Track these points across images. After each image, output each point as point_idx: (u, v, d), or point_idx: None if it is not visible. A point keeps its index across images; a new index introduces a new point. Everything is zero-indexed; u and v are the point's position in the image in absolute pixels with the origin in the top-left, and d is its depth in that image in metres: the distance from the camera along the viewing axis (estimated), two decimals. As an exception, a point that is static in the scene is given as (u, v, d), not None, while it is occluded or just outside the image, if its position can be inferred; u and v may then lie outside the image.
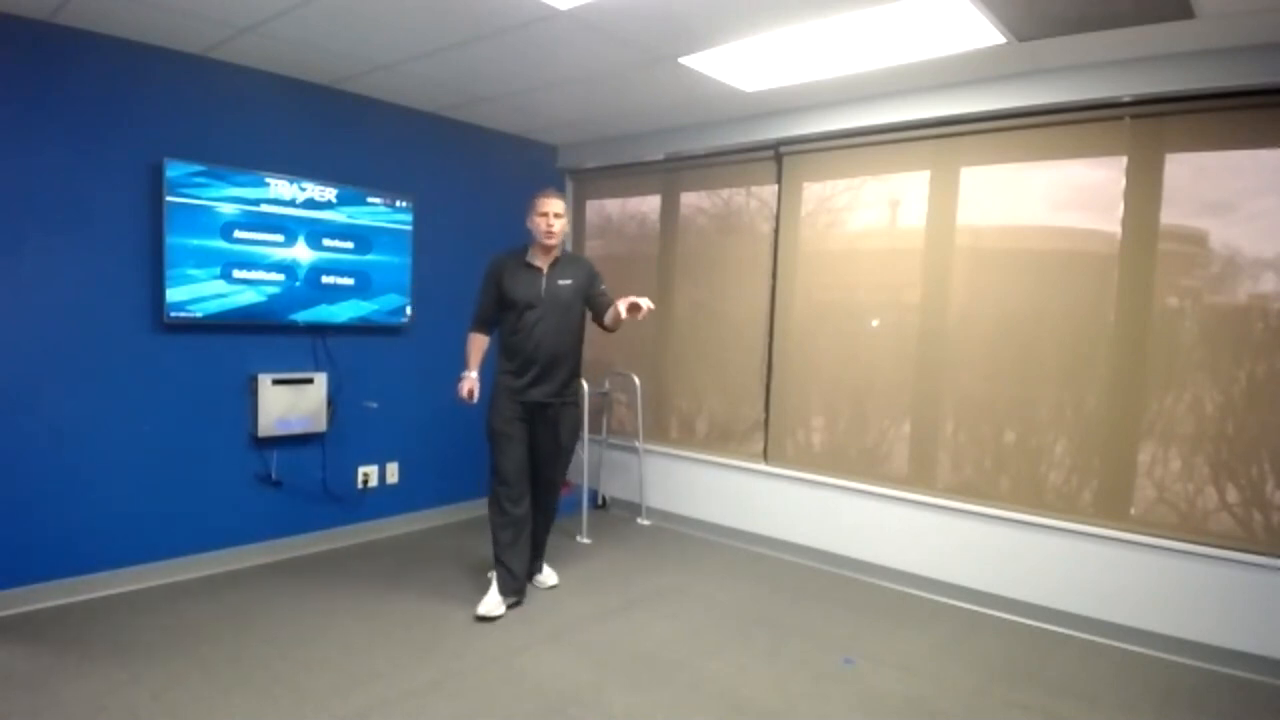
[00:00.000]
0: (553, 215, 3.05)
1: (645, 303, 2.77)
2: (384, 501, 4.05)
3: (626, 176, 4.70)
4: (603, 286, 3.17)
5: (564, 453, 3.24)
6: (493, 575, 3.10)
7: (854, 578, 3.63)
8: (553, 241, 3.06)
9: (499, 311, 3.13)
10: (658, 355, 4.60)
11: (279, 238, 3.43)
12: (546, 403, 3.10)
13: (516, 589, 3.10)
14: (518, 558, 3.08)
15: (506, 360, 3.11)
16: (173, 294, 3.13)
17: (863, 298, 3.76)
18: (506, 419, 3.07)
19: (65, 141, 2.89)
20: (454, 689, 2.44)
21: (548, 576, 3.39)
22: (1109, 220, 3.05)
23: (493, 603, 3.00)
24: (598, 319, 3.13)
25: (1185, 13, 2.40)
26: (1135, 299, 2.99)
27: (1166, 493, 2.96)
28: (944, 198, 3.45)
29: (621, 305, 2.80)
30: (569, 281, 3.10)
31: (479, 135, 4.33)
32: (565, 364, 3.11)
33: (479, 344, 3.20)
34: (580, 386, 3.29)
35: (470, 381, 3.15)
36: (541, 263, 3.09)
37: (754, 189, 4.17)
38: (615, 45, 2.95)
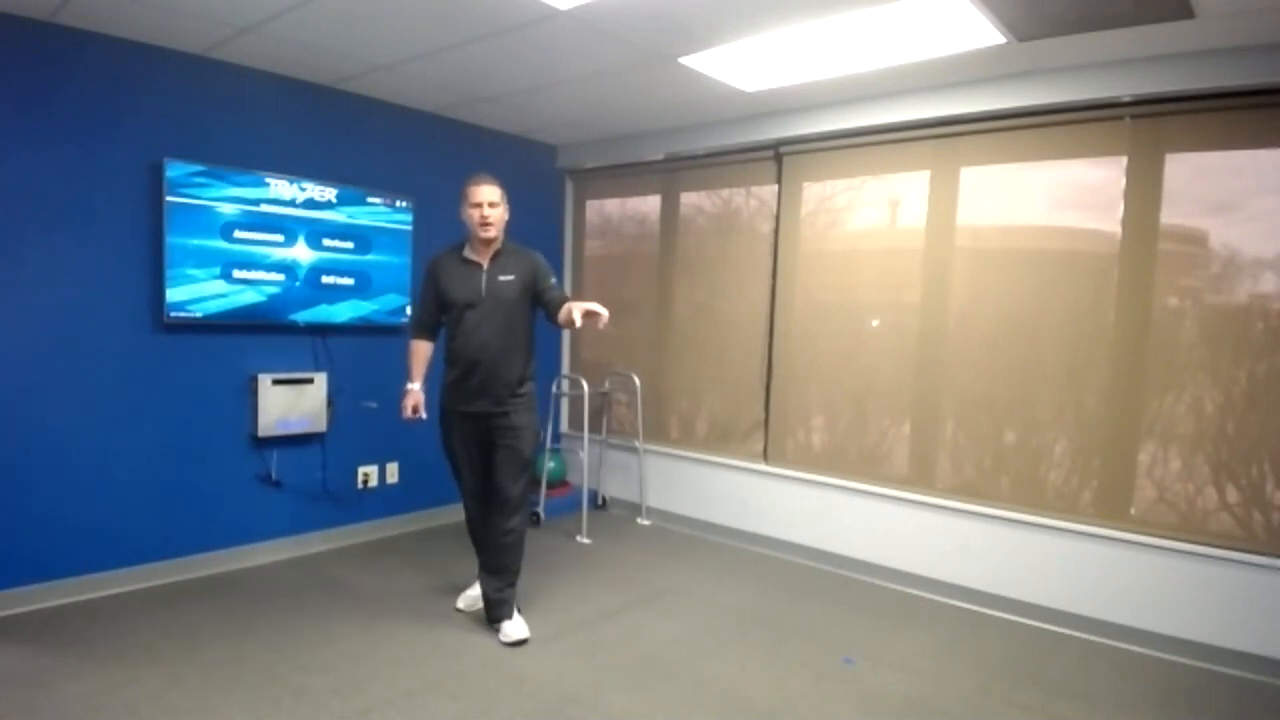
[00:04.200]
0: (487, 205, 2.73)
1: (600, 310, 2.45)
2: (384, 501, 4.05)
3: (626, 176, 4.70)
4: (552, 281, 2.84)
5: (520, 468, 2.82)
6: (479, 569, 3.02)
7: (854, 578, 3.63)
8: (490, 234, 2.76)
9: (440, 314, 2.87)
10: (658, 355, 4.60)
11: (279, 238, 3.43)
12: (493, 413, 2.80)
13: None
14: None
15: (449, 368, 2.85)
16: (173, 294, 3.13)
17: (863, 298, 3.75)
18: (460, 438, 2.87)
19: (65, 141, 2.89)
20: (454, 689, 2.44)
21: (514, 628, 2.80)
22: (1109, 220, 3.05)
23: (470, 598, 3.05)
24: (550, 318, 2.77)
25: (1185, 13, 2.40)
26: (1135, 299, 2.99)
27: (1167, 493, 2.96)
28: (944, 198, 3.45)
29: (576, 312, 2.45)
30: (511, 278, 2.79)
31: (479, 135, 4.33)
32: (512, 368, 2.79)
33: (422, 352, 2.93)
34: (533, 392, 2.90)
35: (414, 396, 2.87)
36: (481, 258, 2.81)
37: (754, 189, 4.17)
38: (615, 45, 2.95)
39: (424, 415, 2.90)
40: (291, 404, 3.54)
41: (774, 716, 2.36)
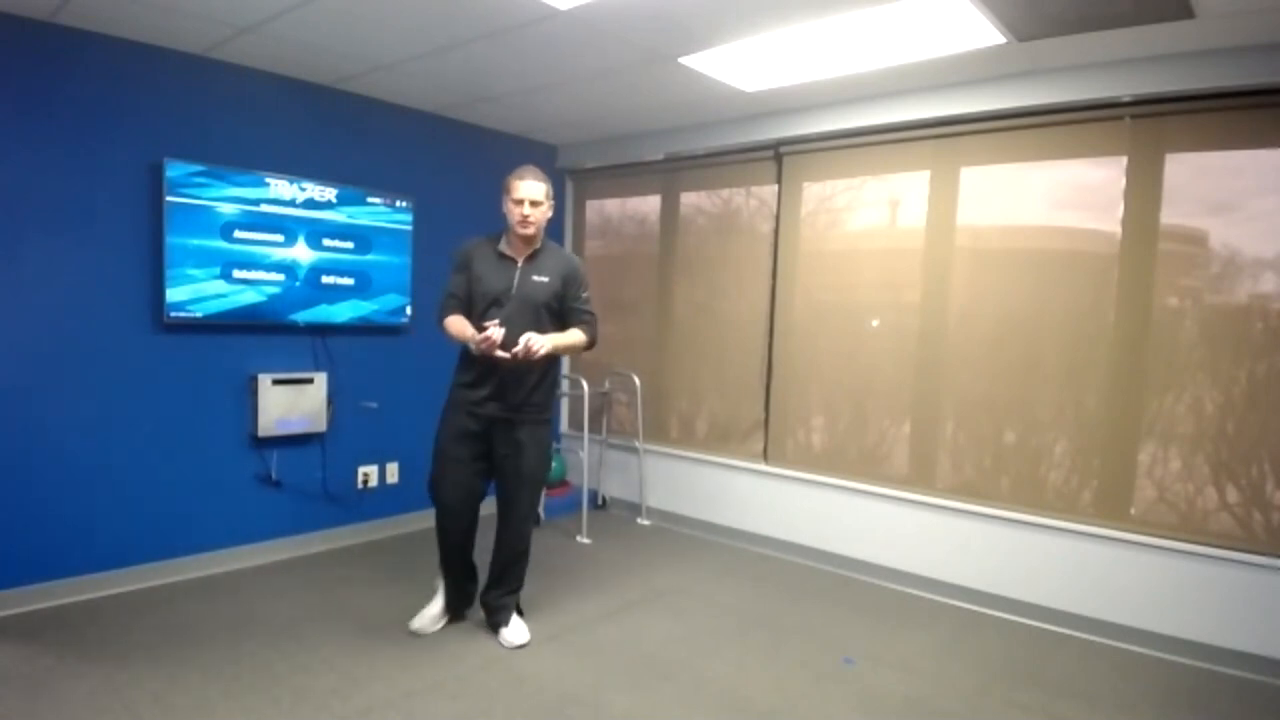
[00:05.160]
0: (529, 204, 2.59)
1: (505, 354, 2.48)
2: (384, 501, 4.05)
3: (626, 176, 4.70)
4: (584, 295, 2.74)
5: (530, 482, 2.75)
6: (439, 584, 2.90)
7: (854, 578, 3.63)
8: (529, 232, 2.63)
9: (468, 304, 2.69)
10: (658, 355, 4.60)
11: (279, 238, 3.43)
12: (507, 418, 2.67)
13: (457, 607, 2.92)
14: (460, 577, 2.89)
15: (464, 368, 2.71)
16: (173, 294, 3.13)
17: (863, 298, 3.76)
18: (456, 436, 2.69)
19: (65, 141, 2.89)
20: (454, 690, 2.44)
21: (515, 634, 2.77)
22: (1109, 220, 3.05)
23: (426, 619, 2.84)
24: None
25: (1185, 13, 2.40)
26: (1135, 299, 2.99)
27: (1167, 493, 2.96)
28: (944, 198, 3.45)
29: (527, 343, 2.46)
30: (546, 279, 2.66)
31: (479, 135, 4.33)
32: (533, 373, 2.63)
33: (461, 321, 2.65)
34: (546, 403, 2.75)
35: (490, 329, 2.49)
36: (517, 254, 2.68)
37: (754, 189, 4.17)
38: (615, 45, 2.94)
39: (499, 338, 2.49)
40: (291, 404, 3.54)
41: (774, 716, 2.36)
